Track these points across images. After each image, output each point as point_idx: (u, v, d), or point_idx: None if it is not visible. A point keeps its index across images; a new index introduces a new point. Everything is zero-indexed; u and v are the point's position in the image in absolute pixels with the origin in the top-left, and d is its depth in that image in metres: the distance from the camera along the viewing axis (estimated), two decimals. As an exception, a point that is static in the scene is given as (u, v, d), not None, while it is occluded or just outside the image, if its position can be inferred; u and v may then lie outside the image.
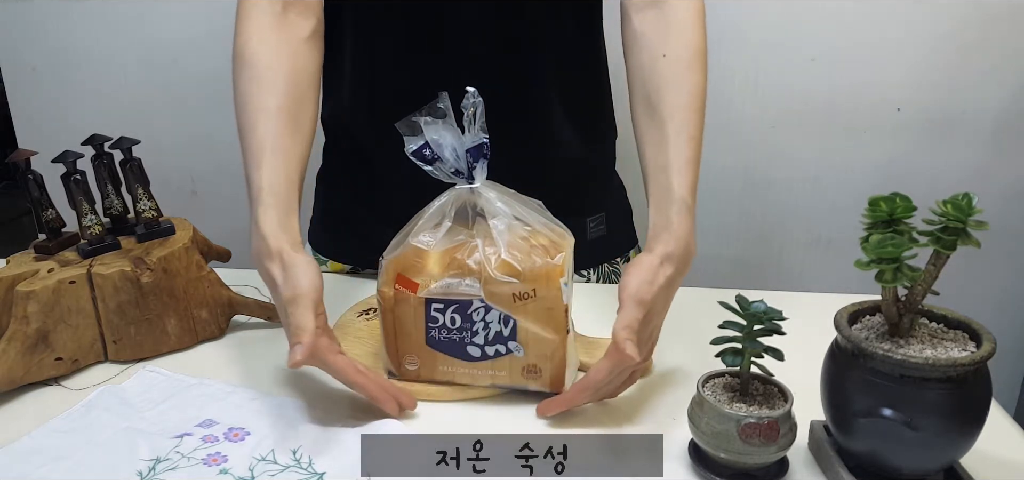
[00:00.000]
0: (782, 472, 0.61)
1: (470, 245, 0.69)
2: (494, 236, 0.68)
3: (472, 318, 0.69)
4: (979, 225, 0.52)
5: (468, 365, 0.71)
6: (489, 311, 0.69)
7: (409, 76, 0.88)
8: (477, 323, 0.69)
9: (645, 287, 0.66)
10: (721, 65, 1.27)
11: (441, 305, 0.69)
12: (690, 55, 0.74)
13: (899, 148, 1.30)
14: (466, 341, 0.70)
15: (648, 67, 0.75)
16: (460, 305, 0.69)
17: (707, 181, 1.34)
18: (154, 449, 0.65)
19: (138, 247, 0.84)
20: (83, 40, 1.37)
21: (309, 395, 0.73)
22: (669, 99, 0.72)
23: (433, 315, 0.70)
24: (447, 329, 0.70)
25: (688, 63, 0.74)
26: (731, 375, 0.63)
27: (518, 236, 0.69)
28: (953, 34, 1.23)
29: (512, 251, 0.67)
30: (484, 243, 0.68)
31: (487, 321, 0.69)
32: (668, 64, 0.73)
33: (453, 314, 0.69)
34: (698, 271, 1.40)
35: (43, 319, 0.75)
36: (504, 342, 0.69)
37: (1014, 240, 1.35)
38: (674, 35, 0.75)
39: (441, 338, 0.70)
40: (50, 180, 0.85)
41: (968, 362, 0.53)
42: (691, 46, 0.74)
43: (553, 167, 0.93)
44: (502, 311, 0.68)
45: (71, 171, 0.82)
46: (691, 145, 0.71)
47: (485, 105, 0.67)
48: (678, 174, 0.70)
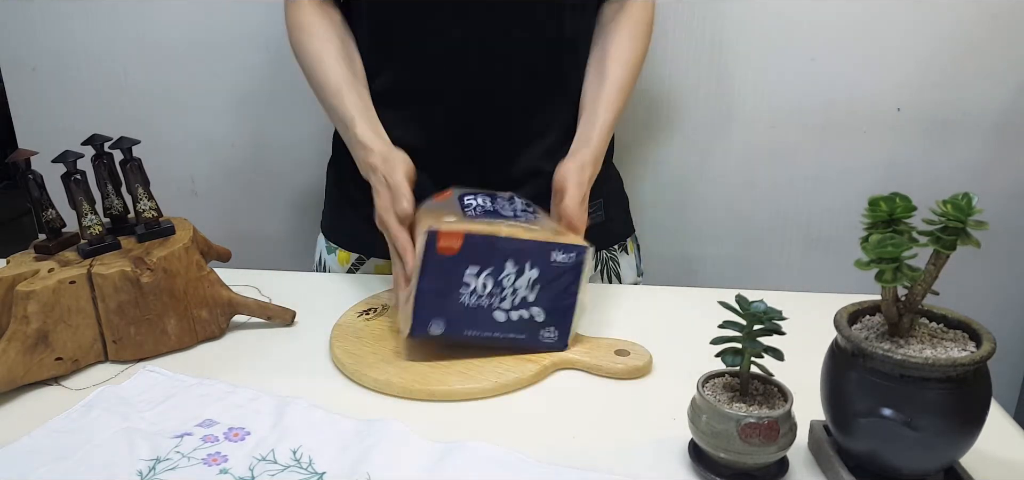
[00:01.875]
0: (782, 472, 0.61)
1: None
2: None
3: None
4: (979, 225, 0.52)
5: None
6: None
7: (420, 62, 0.94)
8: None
9: (576, 174, 0.85)
10: (721, 65, 1.27)
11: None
12: (635, 36, 0.96)
13: (899, 148, 1.30)
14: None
15: (602, 41, 0.97)
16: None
17: (707, 181, 1.35)
18: (154, 449, 0.65)
19: (138, 247, 0.84)
20: (83, 40, 1.37)
21: (309, 395, 0.73)
22: (611, 63, 0.94)
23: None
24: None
25: (632, 41, 0.96)
26: (731, 375, 0.63)
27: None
28: (953, 34, 1.23)
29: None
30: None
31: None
32: (616, 41, 0.96)
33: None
34: (698, 271, 1.41)
35: (43, 319, 0.75)
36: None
37: (1014, 240, 1.35)
38: (626, 22, 0.96)
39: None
40: (50, 180, 0.85)
41: (968, 362, 0.53)
42: (637, 28, 0.97)
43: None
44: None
45: (71, 171, 0.82)
46: (620, 94, 0.93)
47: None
48: (605, 109, 0.92)
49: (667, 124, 1.32)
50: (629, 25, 0.96)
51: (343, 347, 0.80)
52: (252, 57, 1.34)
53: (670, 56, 1.27)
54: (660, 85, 1.29)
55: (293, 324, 0.88)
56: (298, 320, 0.89)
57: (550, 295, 0.76)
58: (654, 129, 1.32)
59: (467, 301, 0.75)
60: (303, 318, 0.89)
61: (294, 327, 0.88)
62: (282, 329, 0.88)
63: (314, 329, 0.86)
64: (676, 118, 1.31)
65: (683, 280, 1.40)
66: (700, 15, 1.24)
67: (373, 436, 0.66)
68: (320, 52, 0.93)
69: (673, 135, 1.32)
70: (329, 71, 0.92)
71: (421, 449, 0.64)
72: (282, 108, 1.37)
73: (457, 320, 0.75)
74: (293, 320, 0.88)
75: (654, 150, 1.33)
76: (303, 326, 0.88)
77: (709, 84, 1.28)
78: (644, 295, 0.99)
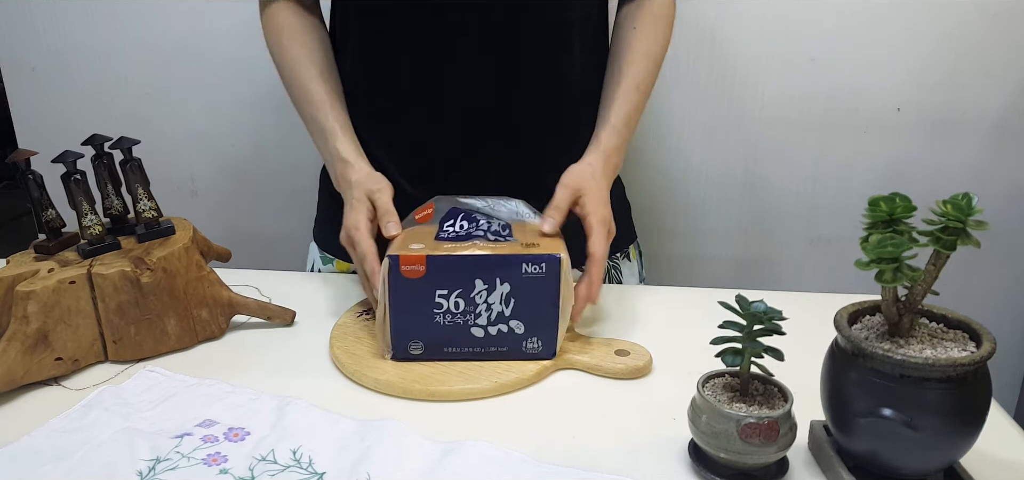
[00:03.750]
0: (782, 472, 0.61)
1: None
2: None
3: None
4: (979, 225, 0.52)
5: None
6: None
7: (409, 75, 0.92)
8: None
9: (572, 177, 0.83)
10: (721, 65, 1.27)
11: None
12: (653, 31, 0.93)
13: (899, 148, 1.30)
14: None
15: (621, 34, 0.94)
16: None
17: (707, 181, 1.35)
18: (154, 449, 0.65)
19: (138, 247, 0.84)
20: (83, 40, 1.37)
21: (309, 395, 0.73)
22: (629, 57, 0.92)
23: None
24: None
25: (650, 36, 0.93)
26: (731, 375, 0.63)
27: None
28: (953, 34, 1.23)
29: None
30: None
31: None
32: (635, 34, 0.93)
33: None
34: (698, 271, 1.41)
35: (43, 319, 0.75)
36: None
37: (1014, 240, 1.35)
38: (646, 17, 0.93)
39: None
40: (50, 180, 0.85)
41: (968, 362, 0.53)
42: (656, 25, 0.93)
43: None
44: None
45: (71, 171, 0.82)
46: (635, 93, 0.90)
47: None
48: (617, 108, 0.89)
49: (667, 124, 1.32)
50: (649, 20, 0.93)
51: (343, 347, 0.80)
52: (252, 57, 1.34)
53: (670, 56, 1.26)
54: (660, 85, 1.28)
55: (293, 324, 0.88)
56: (298, 320, 0.89)
57: (527, 307, 0.74)
58: (654, 129, 1.32)
59: (442, 321, 0.74)
60: (303, 318, 0.89)
61: (294, 327, 0.88)
62: (282, 329, 0.88)
63: (314, 329, 0.86)
64: (676, 118, 1.31)
65: (683, 280, 1.40)
66: (700, 15, 1.24)
67: (373, 436, 0.66)
68: (301, 59, 0.91)
69: (673, 135, 1.32)
70: (311, 81, 0.90)
71: (421, 449, 0.64)
72: (282, 108, 1.37)
73: (435, 340, 0.75)
74: (293, 320, 0.88)
75: (654, 150, 1.34)
76: (303, 326, 0.88)
77: (709, 84, 1.28)
78: (644, 295, 0.99)
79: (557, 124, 0.95)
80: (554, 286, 0.74)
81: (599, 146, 0.88)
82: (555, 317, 0.75)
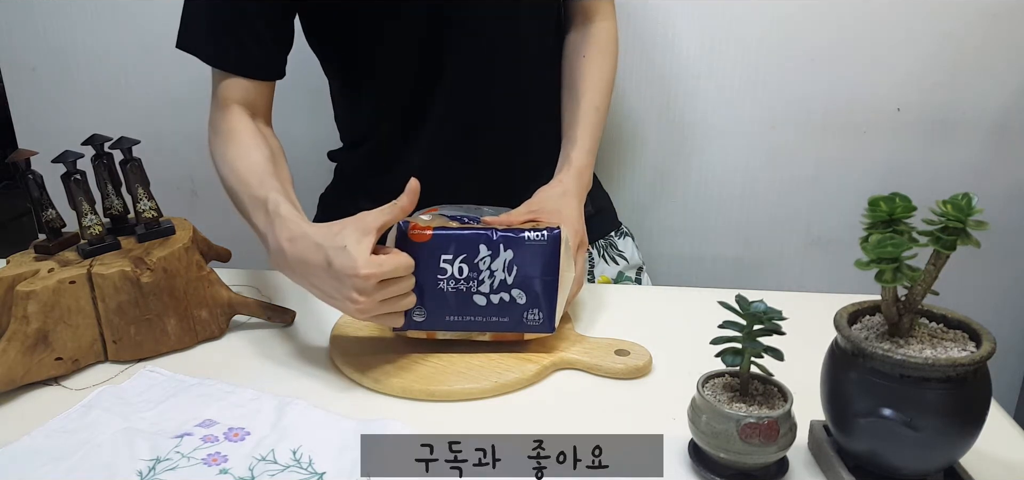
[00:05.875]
0: (782, 472, 0.61)
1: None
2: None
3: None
4: (979, 225, 0.52)
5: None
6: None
7: (409, 95, 0.96)
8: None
9: (539, 196, 0.88)
10: (720, 66, 1.27)
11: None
12: (602, 57, 1.00)
13: (899, 148, 1.30)
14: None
15: (571, 64, 1.01)
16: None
17: (707, 181, 1.35)
18: (154, 449, 0.65)
19: (138, 247, 0.84)
20: (83, 40, 1.36)
21: (309, 395, 0.73)
22: (583, 84, 0.98)
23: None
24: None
25: (599, 62, 0.99)
26: (731, 375, 0.63)
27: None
28: (953, 34, 1.23)
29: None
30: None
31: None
32: (586, 62, 0.99)
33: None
34: (698, 271, 1.41)
35: (43, 319, 0.75)
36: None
37: (1014, 240, 1.35)
38: (592, 47, 1.00)
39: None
40: (50, 180, 0.85)
41: (968, 362, 0.53)
42: (603, 51, 1.00)
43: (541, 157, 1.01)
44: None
45: (71, 171, 0.82)
46: (595, 113, 0.97)
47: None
48: (582, 130, 0.95)
49: (667, 124, 1.32)
50: (595, 50, 0.99)
51: (343, 347, 0.80)
52: (252, 57, 1.34)
53: (670, 56, 1.27)
54: (660, 84, 1.29)
55: (293, 324, 0.88)
56: (298, 320, 0.89)
57: (529, 275, 0.76)
58: (654, 129, 1.32)
59: (445, 287, 0.75)
60: (303, 318, 0.89)
61: (294, 327, 0.88)
62: (282, 329, 0.88)
63: (314, 329, 0.86)
64: (676, 118, 1.31)
65: (683, 280, 1.40)
66: (700, 15, 1.24)
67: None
68: (246, 152, 0.84)
69: (673, 135, 1.32)
70: (255, 166, 0.82)
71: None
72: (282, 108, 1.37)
73: (438, 307, 0.76)
74: (293, 320, 0.88)
75: (654, 150, 1.33)
76: (303, 326, 0.88)
77: (709, 84, 1.28)
78: (644, 295, 0.99)
79: (523, 160, 1.01)
80: (555, 256, 0.76)
81: (571, 166, 0.92)
82: (555, 288, 0.76)
